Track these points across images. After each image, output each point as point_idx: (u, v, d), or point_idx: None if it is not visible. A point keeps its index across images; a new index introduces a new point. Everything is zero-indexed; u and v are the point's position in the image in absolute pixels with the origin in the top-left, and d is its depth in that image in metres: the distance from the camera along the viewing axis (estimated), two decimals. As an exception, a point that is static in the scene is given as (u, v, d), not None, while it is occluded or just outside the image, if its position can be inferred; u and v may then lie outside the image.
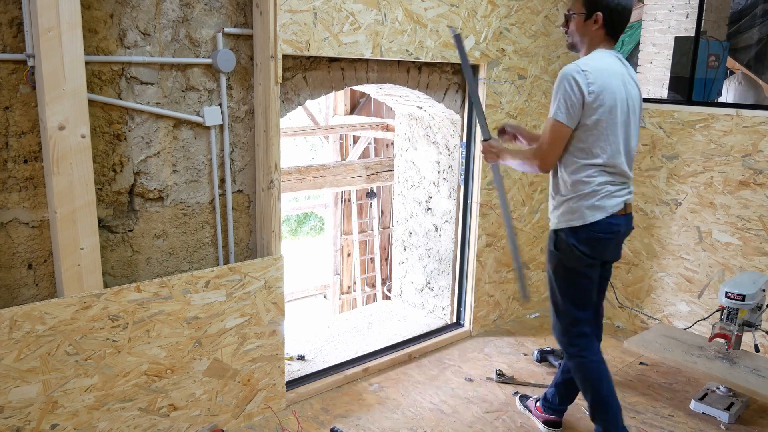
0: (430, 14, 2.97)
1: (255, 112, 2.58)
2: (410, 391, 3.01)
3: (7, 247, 2.09)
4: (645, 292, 3.76)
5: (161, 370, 2.34)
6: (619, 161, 2.29)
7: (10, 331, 1.97)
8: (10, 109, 2.01)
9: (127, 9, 2.19)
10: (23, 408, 2.04)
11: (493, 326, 3.81)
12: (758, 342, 2.99)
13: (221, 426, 2.55)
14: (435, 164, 3.68)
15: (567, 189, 2.32)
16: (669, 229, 3.60)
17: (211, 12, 2.39)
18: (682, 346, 3.04)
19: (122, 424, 2.27)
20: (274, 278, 2.60)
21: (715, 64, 4.17)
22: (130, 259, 2.38)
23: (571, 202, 2.31)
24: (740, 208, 3.30)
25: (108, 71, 2.19)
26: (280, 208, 2.61)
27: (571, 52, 3.82)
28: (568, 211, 2.33)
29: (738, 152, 3.28)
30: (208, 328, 2.44)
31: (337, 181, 6.12)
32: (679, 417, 2.86)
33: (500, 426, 2.75)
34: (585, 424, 2.78)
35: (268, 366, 2.67)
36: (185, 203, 2.49)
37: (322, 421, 2.72)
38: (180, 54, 2.35)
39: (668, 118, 3.53)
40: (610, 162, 2.27)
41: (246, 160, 2.63)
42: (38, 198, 2.12)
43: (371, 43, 2.76)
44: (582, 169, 2.27)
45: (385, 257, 8.22)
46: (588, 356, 2.44)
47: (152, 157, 2.36)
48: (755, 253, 3.26)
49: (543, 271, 4.08)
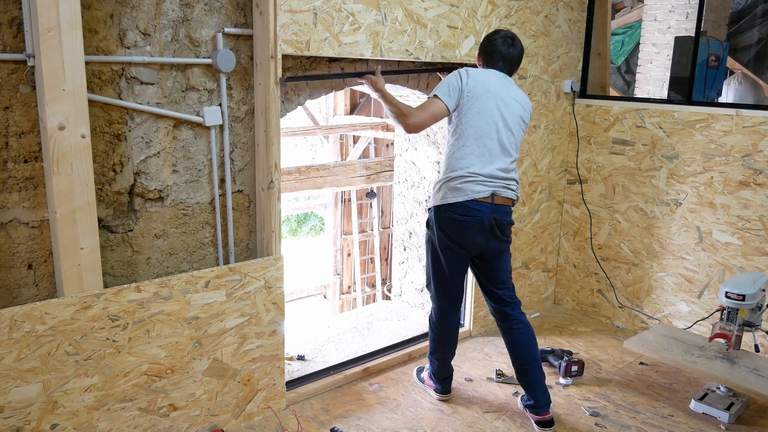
0: (430, 14, 2.97)
1: (255, 112, 2.58)
2: (410, 391, 3.01)
3: (7, 247, 2.10)
4: (645, 292, 3.76)
5: (161, 370, 2.34)
6: (491, 149, 2.58)
7: (10, 331, 1.97)
8: (10, 109, 2.02)
9: (127, 9, 2.19)
10: (23, 408, 2.04)
11: (493, 326, 3.80)
12: (758, 342, 2.98)
13: (221, 426, 2.56)
14: (435, 164, 3.68)
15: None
16: (669, 229, 3.60)
17: (211, 12, 2.39)
18: (682, 346, 3.04)
19: (122, 424, 2.27)
20: (274, 278, 2.60)
21: (715, 64, 4.17)
22: (130, 259, 2.38)
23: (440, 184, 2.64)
24: (740, 208, 3.30)
25: (108, 71, 2.19)
26: (280, 208, 2.61)
27: (570, 53, 3.85)
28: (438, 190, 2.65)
29: (738, 152, 3.28)
30: (208, 328, 2.44)
31: (337, 181, 6.12)
32: (679, 417, 2.86)
33: (500, 426, 2.75)
34: (585, 423, 2.78)
35: (268, 366, 2.67)
36: (185, 203, 2.49)
37: (322, 421, 2.73)
38: (180, 54, 2.35)
39: (668, 118, 3.53)
40: (476, 160, 2.56)
41: (246, 160, 2.63)
42: (38, 198, 2.12)
43: (371, 43, 2.76)
44: (453, 152, 2.59)
45: (385, 257, 8.22)
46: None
47: (152, 157, 2.36)
48: (755, 253, 3.27)
49: (543, 270, 4.08)
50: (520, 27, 3.44)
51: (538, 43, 3.59)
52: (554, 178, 3.98)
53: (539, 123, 3.75)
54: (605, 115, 3.80)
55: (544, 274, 4.11)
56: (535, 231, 3.93)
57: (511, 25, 3.39)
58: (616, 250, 3.85)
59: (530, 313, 4.05)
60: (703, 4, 3.49)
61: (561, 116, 3.90)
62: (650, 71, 6.58)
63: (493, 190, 2.56)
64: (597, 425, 2.77)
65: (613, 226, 3.85)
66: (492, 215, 2.57)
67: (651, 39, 6.55)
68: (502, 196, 2.59)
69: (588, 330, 3.83)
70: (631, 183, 3.73)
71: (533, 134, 3.73)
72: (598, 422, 2.79)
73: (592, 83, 4.00)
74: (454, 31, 3.10)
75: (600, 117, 3.83)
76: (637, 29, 7.12)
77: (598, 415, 2.85)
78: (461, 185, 2.55)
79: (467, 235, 2.59)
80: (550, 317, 4.02)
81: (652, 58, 6.55)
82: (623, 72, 7.78)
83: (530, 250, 3.94)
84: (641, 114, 3.64)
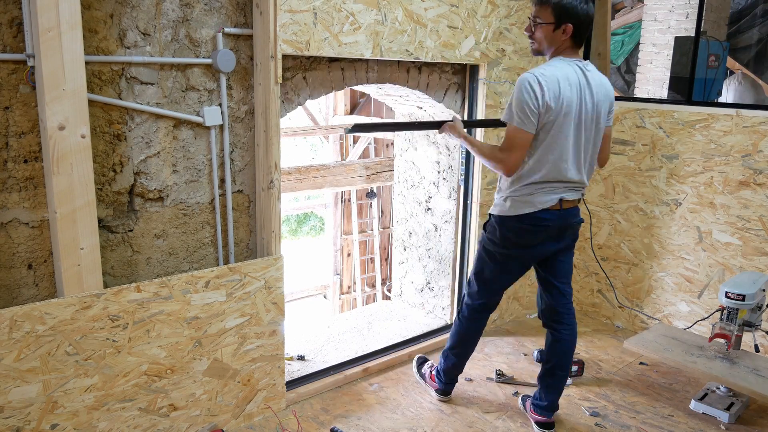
0: (430, 14, 2.97)
1: (255, 112, 2.58)
2: (410, 391, 3.01)
3: (7, 247, 2.10)
4: (645, 292, 3.76)
5: (161, 370, 2.34)
6: (564, 168, 2.38)
7: (10, 331, 1.97)
8: (10, 109, 2.02)
9: (127, 9, 2.19)
10: (23, 408, 2.04)
11: (492, 326, 3.81)
12: (758, 342, 2.99)
13: (221, 426, 2.56)
14: (435, 164, 3.68)
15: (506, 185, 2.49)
16: (669, 229, 3.60)
17: (211, 12, 2.39)
18: (682, 346, 3.04)
19: (122, 424, 2.27)
20: (274, 278, 2.60)
21: (715, 64, 4.17)
22: (130, 259, 2.38)
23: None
24: (740, 208, 3.30)
25: (108, 71, 2.19)
26: (280, 208, 2.61)
27: (571, 52, 3.84)
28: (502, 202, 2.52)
29: (738, 152, 3.28)
30: (208, 328, 2.44)
31: (337, 181, 6.13)
32: (679, 417, 2.87)
33: (500, 426, 2.75)
34: (585, 423, 2.78)
35: (268, 366, 2.67)
36: (185, 203, 2.49)
37: (322, 421, 2.73)
38: (180, 54, 2.35)
39: (668, 118, 3.53)
40: (549, 176, 2.38)
41: (246, 160, 2.63)
42: (38, 198, 2.12)
43: (371, 43, 2.76)
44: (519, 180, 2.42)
45: (385, 257, 8.22)
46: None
47: (152, 157, 2.36)
48: (755, 253, 3.27)
49: (543, 271, 4.08)
50: (520, 27, 3.44)
51: (538, 43, 3.59)
52: (554, 178, 3.98)
53: (539, 123, 3.75)
54: (605, 115, 3.80)
55: (544, 274, 4.10)
56: (535, 231, 3.93)
57: (511, 25, 3.39)
58: (616, 250, 3.85)
59: (530, 313, 4.05)
60: (703, 4, 3.49)
61: (561, 116, 3.90)
62: (650, 71, 6.57)
63: (561, 196, 2.43)
64: (597, 425, 2.77)
65: (613, 226, 3.85)
66: (560, 221, 2.48)
67: (651, 39, 6.55)
68: (569, 200, 2.48)
69: (588, 330, 3.83)
70: (631, 183, 3.73)
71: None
72: (598, 422, 2.79)
73: (592, 83, 4.00)
74: (454, 31, 3.10)
75: (600, 117, 3.82)
76: (637, 29, 7.12)
77: (598, 415, 2.85)
78: (529, 198, 2.42)
79: (536, 241, 2.51)
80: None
81: (652, 58, 6.55)
82: (623, 72, 7.78)
83: (530, 250, 3.93)
84: (641, 114, 3.64)
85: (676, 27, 6.27)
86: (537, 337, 3.68)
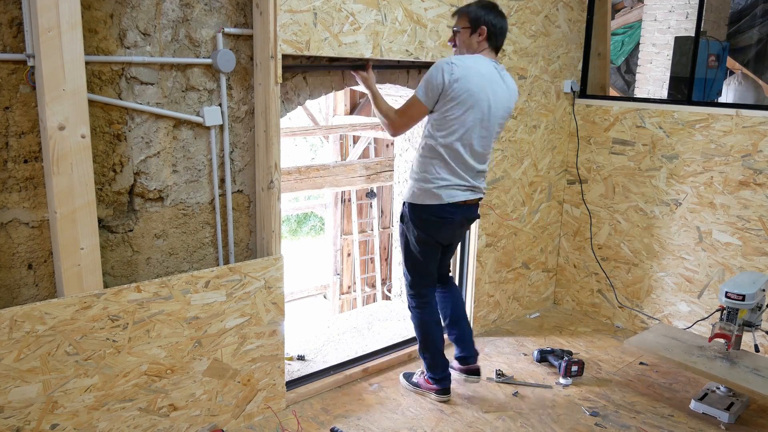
0: (430, 14, 2.97)
1: (255, 112, 2.58)
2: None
3: (7, 247, 2.10)
4: (645, 292, 3.76)
5: (161, 370, 2.34)
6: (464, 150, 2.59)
7: (10, 331, 1.97)
8: (10, 109, 2.02)
9: (127, 9, 2.19)
10: (23, 408, 2.04)
11: (493, 326, 3.81)
12: (758, 342, 2.99)
13: (221, 426, 2.56)
14: (435, 164, 3.68)
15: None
16: (669, 229, 3.60)
17: (211, 12, 2.39)
18: (682, 346, 3.04)
19: (122, 424, 2.27)
20: (274, 278, 2.60)
21: (715, 64, 4.18)
22: (130, 259, 2.38)
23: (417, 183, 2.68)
24: (740, 208, 3.30)
25: (108, 71, 2.19)
26: (280, 208, 2.61)
27: (570, 53, 3.85)
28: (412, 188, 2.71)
29: (738, 152, 3.28)
30: (208, 328, 2.44)
31: (337, 181, 6.12)
32: (679, 417, 2.87)
33: (500, 426, 2.75)
34: (585, 423, 2.78)
35: (268, 366, 2.67)
36: (185, 203, 2.49)
37: (322, 421, 2.73)
38: (180, 54, 2.35)
39: (668, 118, 3.53)
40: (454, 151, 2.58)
41: (246, 160, 2.63)
42: (38, 198, 2.12)
43: (371, 43, 2.76)
44: (428, 154, 2.62)
45: (385, 257, 8.22)
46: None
47: (152, 157, 2.36)
48: (755, 253, 3.27)
49: (543, 270, 4.08)
50: (520, 27, 3.45)
51: (538, 43, 3.59)
52: (554, 178, 3.98)
53: (539, 123, 3.75)
54: (605, 115, 3.80)
55: (544, 274, 4.11)
56: (535, 231, 3.93)
57: (511, 25, 3.39)
58: (616, 250, 3.85)
59: (530, 313, 4.05)
60: (703, 4, 3.49)
61: (561, 116, 3.90)
62: (650, 71, 6.58)
63: (465, 197, 2.69)
64: (597, 425, 2.77)
65: (613, 226, 3.85)
66: (463, 215, 2.73)
67: (651, 39, 6.56)
68: (472, 199, 2.73)
69: (588, 330, 3.83)
70: (631, 183, 3.73)
71: (533, 134, 3.73)
72: (598, 422, 2.79)
73: (592, 83, 4.00)
74: (454, 31, 3.09)
75: (600, 117, 3.83)
76: (637, 29, 7.12)
77: (598, 415, 2.85)
78: (437, 191, 2.63)
79: (443, 231, 2.77)
80: (550, 317, 4.02)
81: (652, 58, 6.55)
82: (623, 72, 7.78)
83: (530, 250, 3.94)
84: (641, 114, 3.64)
85: (676, 27, 6.28)
86: (537, 337, 3.68)
